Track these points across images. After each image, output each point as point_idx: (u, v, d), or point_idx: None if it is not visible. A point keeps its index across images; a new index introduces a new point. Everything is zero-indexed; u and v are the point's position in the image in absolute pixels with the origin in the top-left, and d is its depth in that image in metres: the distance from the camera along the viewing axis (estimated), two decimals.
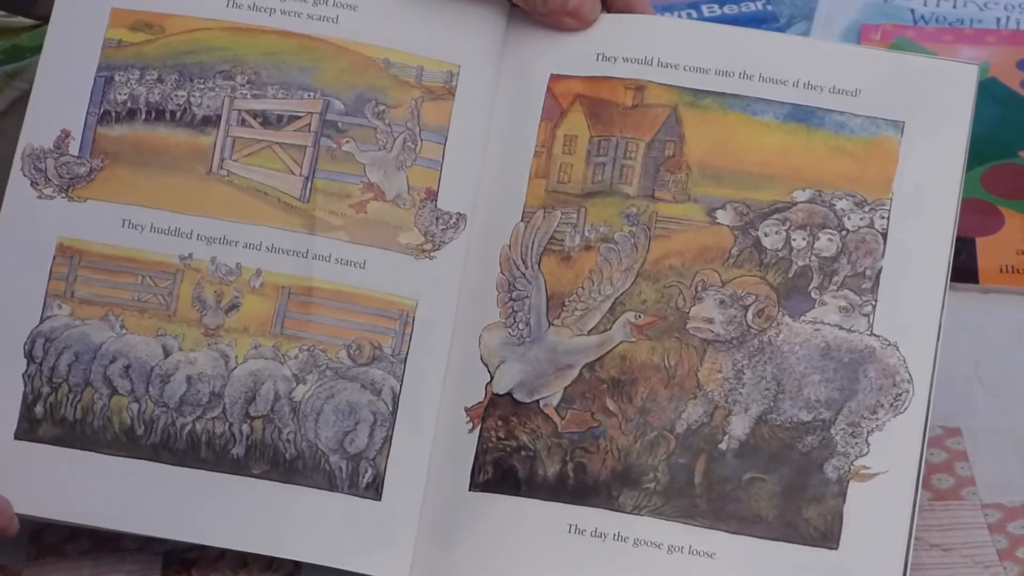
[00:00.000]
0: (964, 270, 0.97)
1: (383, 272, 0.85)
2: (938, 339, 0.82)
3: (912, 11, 1.12)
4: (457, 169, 0.87)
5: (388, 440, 0.84)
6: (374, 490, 0.83)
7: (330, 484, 0.83)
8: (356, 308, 0.85)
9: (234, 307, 0.86)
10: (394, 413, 0.84)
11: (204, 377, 0.85)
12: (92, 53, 0.86)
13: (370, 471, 0.83)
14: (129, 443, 0.83)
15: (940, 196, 0.84)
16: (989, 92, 1.08)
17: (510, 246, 0.86)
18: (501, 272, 0.86)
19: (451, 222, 0.87)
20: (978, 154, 0.99)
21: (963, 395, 0.94)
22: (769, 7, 1.08)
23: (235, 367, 0.85)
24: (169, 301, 0.85)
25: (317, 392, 0.84)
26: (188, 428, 0.84)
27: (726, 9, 1.12)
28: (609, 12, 0.87)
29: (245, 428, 0.84)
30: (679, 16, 1.07)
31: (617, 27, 0.87)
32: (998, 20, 1.09)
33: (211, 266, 0.86)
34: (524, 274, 0.85)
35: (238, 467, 0.83)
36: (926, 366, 0.82)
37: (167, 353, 0.85)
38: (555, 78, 0.87)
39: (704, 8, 1.12)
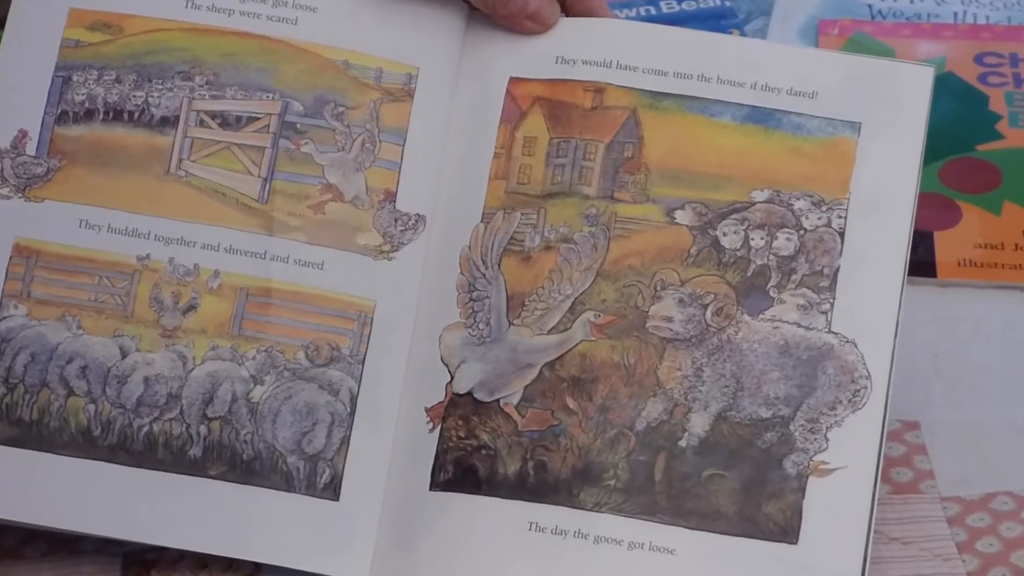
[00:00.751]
0: (922, 264, 0.97)
1: (341, 273, 0.85)
2: (895, 335, 0.82)
3: (869, 6, 1.13)
4: (416, 171, 0.87)
5: (346, 441, 0.84)
6: (332, 490, 0.83)
7: (288, 485, 0.83)
8: (314, 309, 0.85)
9: (192, 308, 0.85)
10: (352, 414, 0.84)
11: (161, 378, 0.84)
12: (50, 53, 0.86)
13: (328, 471, 0.83)
14: (86, 444, 0.83)
15: (896, 196, 0.84)
16: (947, 87, 1.08)
17: (470, 247, 0.86)
18: (461, 273, 0.86)
19: (410, 223, 0.87)
20: (936, 149, 1.01)
21: (922, 389, 0.94)
22: (727, 3, 1.09)
23: (193, 368, 0.84)
24: (126, 302, 0.85)
25: (275, 393, 0.84)
26: (145, 429, 0.84)
27: (684, 5, 1.11)
28: (568, 16, 0.87)
29: (203, 429, 0.84)
30: (637, 12, 1.08)
31: (576, 30, 0.87)
32: (955, 15, 1.10)
33: (169, 267, 0.85)
34: (484, 275, 0.86)
35: (195, 468, 0.83)
36: (884, 362, 0.82)
37: (124, 354, 0.84)
38: (514, 81, 0.87)
39: (663, 4, 1.12)
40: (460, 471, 0.83)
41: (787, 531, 0.81)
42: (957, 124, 1.03)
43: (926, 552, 0.83)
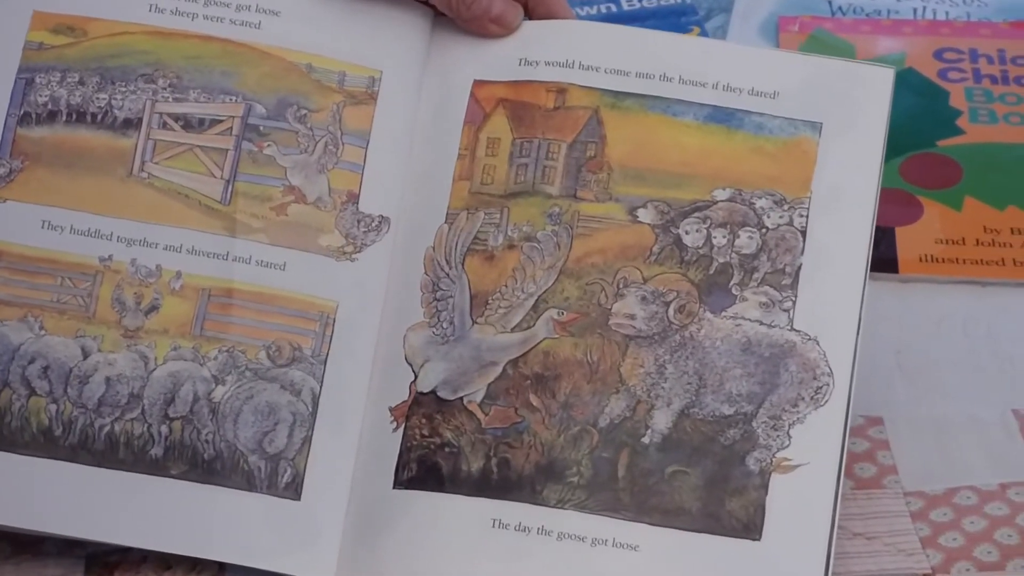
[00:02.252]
0: (884, 260, 0.97)
1: (303, 274, 0.85)
2: (858, 332, 0.82)
3: (830, 3, 1.11)
4: (379, 172, 0.86)
5: (307, 440, 0.83)
6: (293, 490, 0.82)
7: (249, 484, 0.82)
8: (276, 310, 0.85)
9: (154, 309, 0.85)
10: (314, 414, 0.84)
11: (123, 378, 0.83)
12: (13, 55, 0.85)
13: (289, 471, 0.83)
14: (47, 444, 0.82)
15: (858, 194, 0.84)
16: (907, 83, 1.07)
17: (434, 247, 0.86)
18: (425, 273, 0.85)
19: (373, 224, 0.86)
20: (897, 145, 1.00)
21: (884, 385, 0.93)
22: (688, 0, 1.08)
23: (154, 368, 0.84)
24: (88, 302, 0.84)
25: (236, 393, 0.84)
26: (107, 429, 0.83)
27: (645, 3, 1.11)
28: (531, 19, 0.87)
29: (164, 429, 0.83)
30: (598, 10, 1.08)
31: (539, 32, 0.87)
32: (915, 11, 1.10)
33: (131, 268, 0.85)
34: (448, 274, 0.85)
35: (156, 468, 0.82)
36: (846, 359, 0.82)
37: (86, 354, 0.84)
38: (478, 83, 0.87)
39: (623, 1, 1.09)
40: (424, 469, 0.82)
41: (750, 528, 0.80)
42: (918, 120, 1.03)
43: (890, 547, 0.83)
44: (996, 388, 0.90)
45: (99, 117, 0.86)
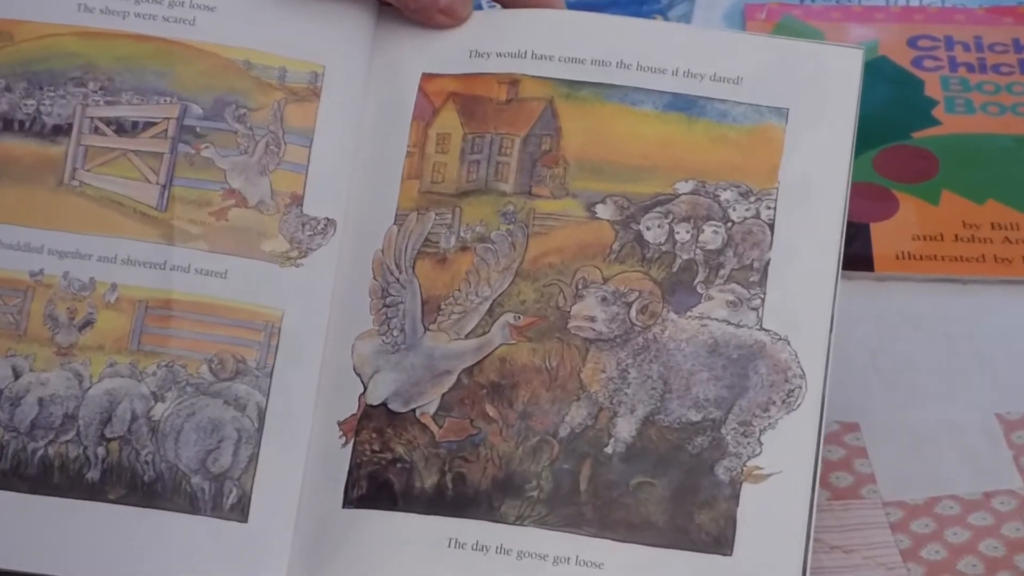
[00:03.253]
0: (859, 257, 0.97)
1: (246, 282, 0.82)
2: (831, 331, 0.80)
3: None
4: (324, 172, 0.84)
5: (254, 458, 0.81)
6: (239, 511, 0.80)
7: (192, 507, 0.79)
8: (218, 320, 0.82)
9: (88, 324, 0.82)
10: (260, 430, 0.81)
11: (57, 398, 0.81)
12: None
13: (235, 491, 0.80)
14: None
15: (828, 184, 0.82)
16: (880, 71, 1.05)
17: (383, 251, 0.83)
18: (374, 278, 0.83)
19: (319, 228, 0.84)
20: (870, 136, 0.98)
21: (860, 388, 0.91)
22: None
23: (90, 387, 0.81)
24: (19, 320, 0.82)
25: (177, 410, 0.81)
26: (40, 453, 0.80)
27: None
28: (515, 7, 0.86)
29: (100, 451, 0.80)
30: None
31: (490, 22, 0.85)
32: None
33: (63, 282, 0.82)
34: (398, 279, 0.83)
35: (94, 492, 0.79)
36: (819, 360, 0.80)
37: (17, 375, 0.81)
38: (427, 77, 0.85)
39: None
40: (374, 486, 0.80)
41: (721, 541, 0.78)
42: (892, 110, 1.04)
43: (869, 560, 0.81)
44: (978, 391, 0.88)
45: (27, 124, 0.83)
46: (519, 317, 0.81)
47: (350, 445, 0.81)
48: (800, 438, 0.79)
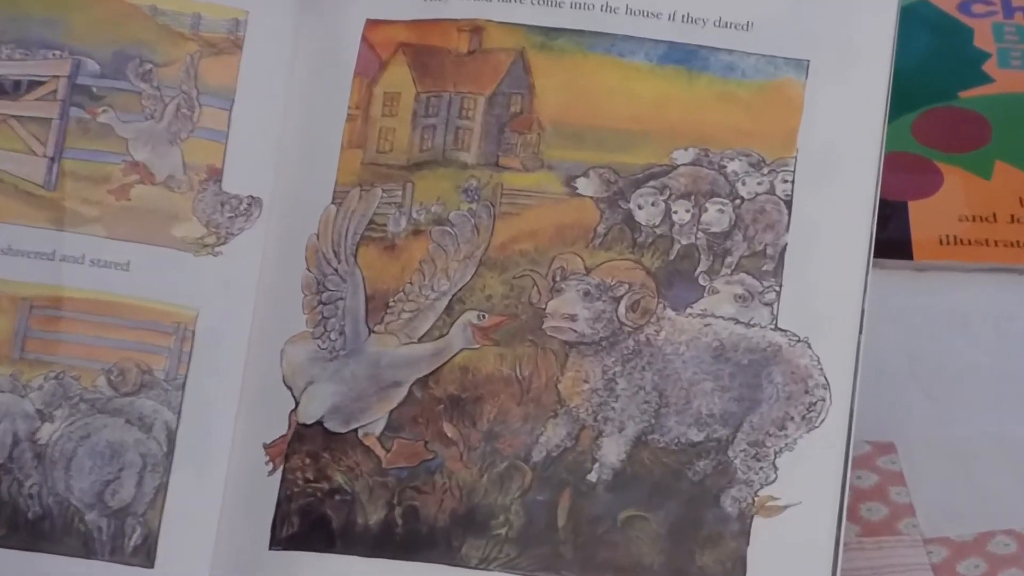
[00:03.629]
0: (894, 243, 0.97)
1: (153, 274, 0.83)
2: (860, 332, 0.80)
3: None
4: (247, 141, 0.84)
5: (162, 489, 0.81)
6: (144, 554, 0.80)
7: (87, 549, 0.79)
8: (118, 322, 0.82)
9: None
10: (170, 454, 0.81)
11: None
12: None
13: (139, 530, 0.80)
14: None
15: (857, 153, 0.82)
16: (921, 18, 1.05)
17: (319, 236, 0.83)
18: (308, 269, 0.83)
19: (241, 208, 0.84)
20: (908, 96, 0.97)
21: (896, 401, 0.91)
22: None
23: None
24: None
25: (68, 432, 0.81)
26: None
27: None
28: None
29: None
30: None
31: None
32: None
33: None
34: (336, 270, 0.83)
35: None
36: (846, 366, 0.79)
37: None
38: (372, 24, 0.85)
39: None
40: (308, 523, 0.80)
41: None
42: (934, 65, 1.03)
43: None
44: None
45: None
46: (484, 316, 0.81)
47: (279, 473, 0.81)
48: (823, 461, 0.79)
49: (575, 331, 0.81)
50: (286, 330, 0.82)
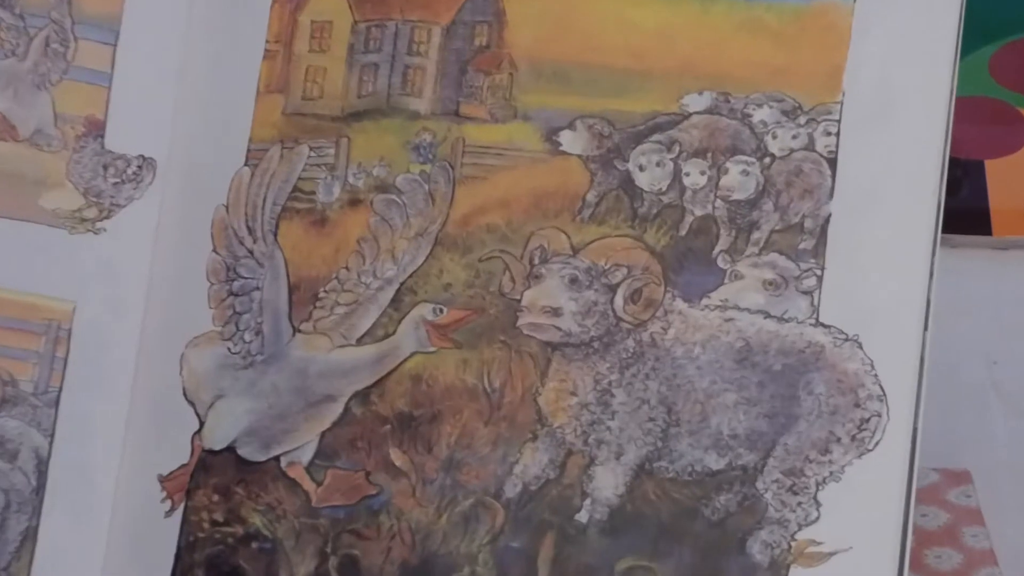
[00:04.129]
0: (969, 213, 0.96)
1: (16, 258, 0.83)
2: (926, 328, 0.79)
3: None
4: (137, 86, 0.85)
5: (31, 535, 0.82)
6: None
7: None
8: None
9: None
10: (40, 490, 0.82)
11: None
12: None
13: None
14: None
15: (920, 97, 0.80)
16: None
17: (228, 207, 0.84)
18: (215, 251, 0.84)
19: (129, 172, 0.84)
20: (984, 27, 0.96)
21: (974, 417, 0.90)
22: None
23: None
24: None
25: None
26: None
27: None
28: None
29: None
30: None
31: None
32: None
33: None
34: (251, 252, 0.83)
35: None
36: (908, 373, 0.78)
37: None
38: None
39: None
40: None
41: None
42: None
43: None
44: None
45: None
46: (441, 310, 0.82)
47: (179, 513, 0.82)
48: (879, 495, 0.78)
49: (559, 329, 0.80)
50: (188, 329, 0.83)
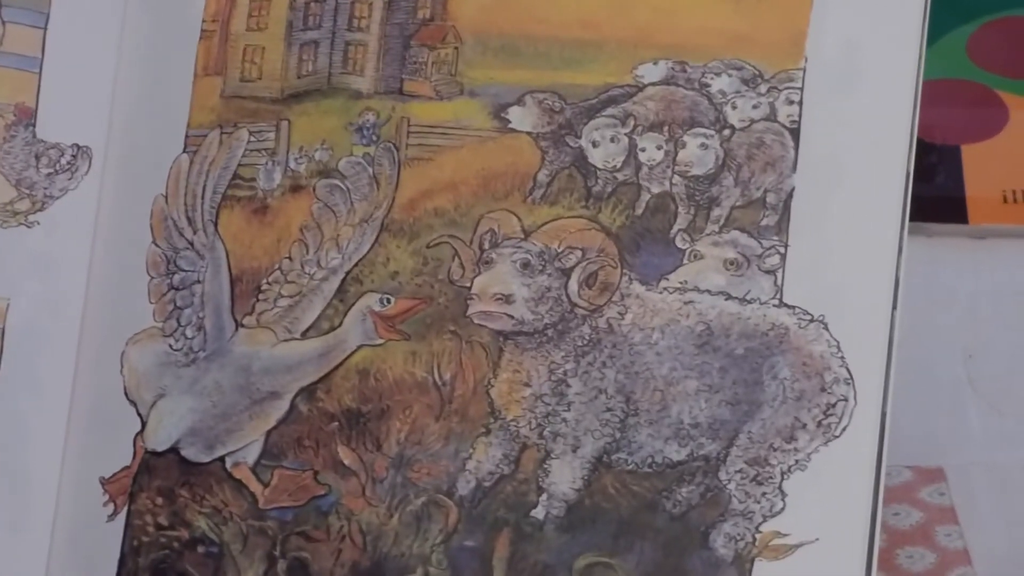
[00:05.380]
0: (944, 201, 0.95)
1: None
2: (895, 307, 0.78)
3: None
4: (69, 71, 0.85)
5: None
6: None
7: None
8: None
9: None
10: None
11: None
12: None
13: None
14: None
15: (887, 62, 0.80)
16: None
17: (167, 197, 0.83)
18: (155, 242, 0.83)
19: (63, 162, 0.84)
20: (962, 7, 0.95)
21: (948, 412, 0.89)
22: None
23: None
24: None
25: None
26: None
27: None
28: None
29: None
30: None
31: None
32: None
33: None
34: (192, 243, 0.83)
35: None
36: (876, 355, 0.78)
37: None
38: None
39: None
40: None
41: None
42: None
43: None
44: None
45: None
46: (388, 300, 0.81)
47: (122, 517, 0.81)
48: (846, 484, 0.77)
49: (511, 317, 0.80)
50: (127, 326, 0.83)
